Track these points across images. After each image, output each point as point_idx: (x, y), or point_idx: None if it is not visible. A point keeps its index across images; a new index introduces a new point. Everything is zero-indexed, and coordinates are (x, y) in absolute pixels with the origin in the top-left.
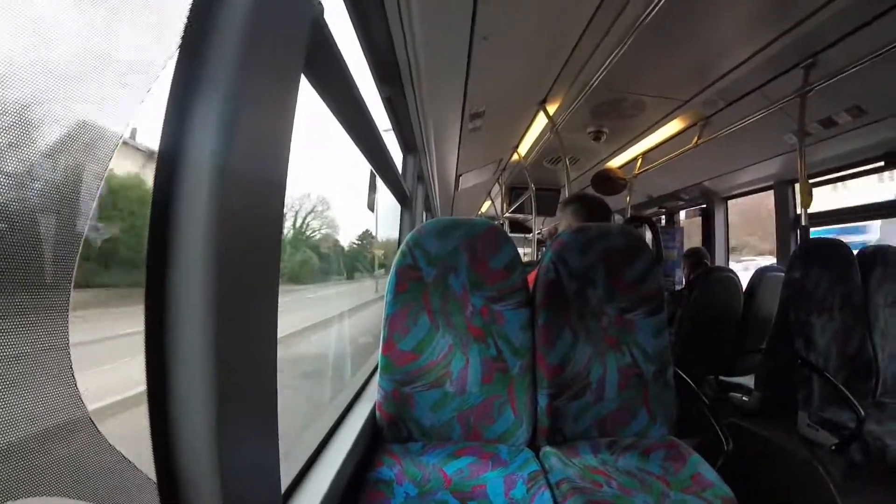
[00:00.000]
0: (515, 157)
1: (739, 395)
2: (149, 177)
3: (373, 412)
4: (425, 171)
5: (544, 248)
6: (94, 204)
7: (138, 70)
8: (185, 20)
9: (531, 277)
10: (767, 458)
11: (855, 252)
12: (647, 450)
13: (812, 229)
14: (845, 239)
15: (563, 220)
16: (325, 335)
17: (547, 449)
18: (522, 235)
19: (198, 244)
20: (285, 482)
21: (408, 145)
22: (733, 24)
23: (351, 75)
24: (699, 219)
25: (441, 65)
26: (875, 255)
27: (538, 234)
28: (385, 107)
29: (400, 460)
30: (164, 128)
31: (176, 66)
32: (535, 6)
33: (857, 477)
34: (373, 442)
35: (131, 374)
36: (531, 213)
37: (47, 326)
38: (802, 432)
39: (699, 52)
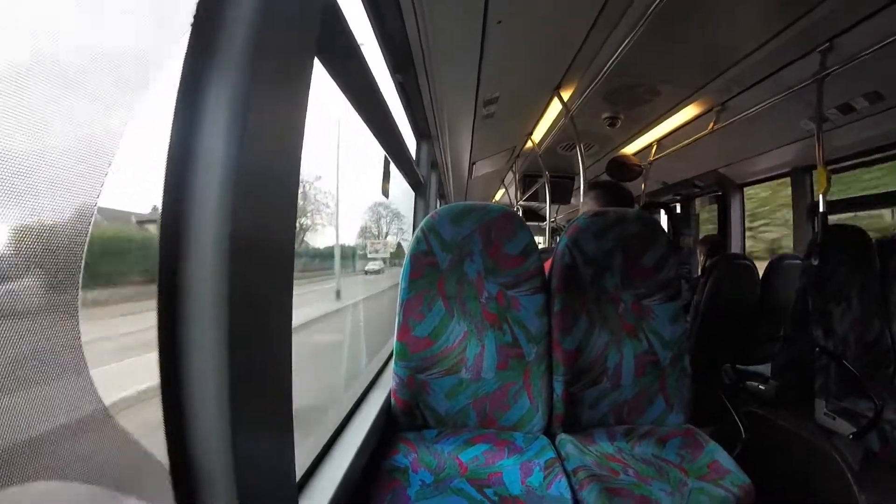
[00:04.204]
0: (529, 144)
1: (756, 383)
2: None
3: (388, 400)
4: (439, 158)
5: (559, 237)
6: (98, 200)
7: (148, 56)
8: (195, 5)
9: (547, 265)
10: (784, 446)
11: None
12: (664, 437)
13: None
14: None
15: (584, 206)
16: None
17: (563, 436)
18: (536, 224)
19: (210, 234)
20: (300, 471)
21: (421, 132)
22: (748, 9)
23: (364, 59)
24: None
25: (454, 50)
26: (894, 243)
27: (552, 222)
28: (398, 92)
29: (415, 448)
30: (175, 114)
31: (186, 53)
32: None
33: (874, 465)
34: (388, 430)
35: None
36: (545, 202)
37: (59, 325)
38: (819, 421)
39: (714, 37)
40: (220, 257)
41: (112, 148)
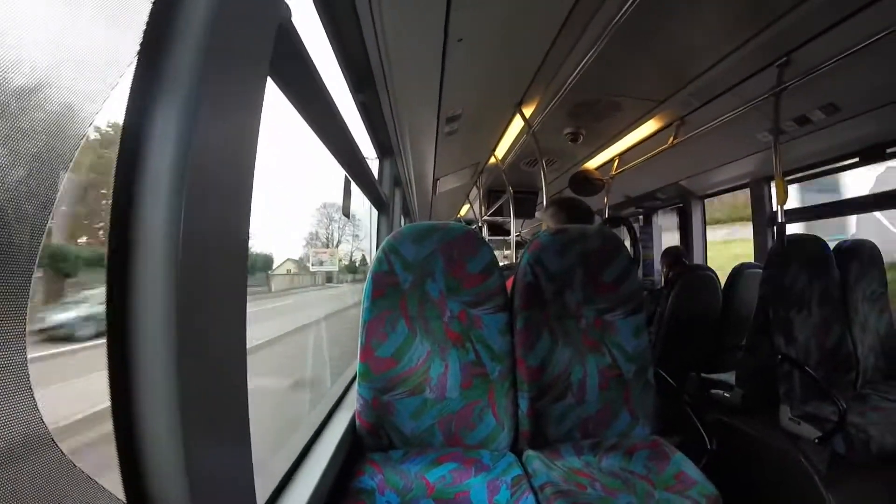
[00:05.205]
0: (493, 159)
1: (721, 391)
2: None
3: (352, 421)
4: (402, 175)
5: (523, 251)
6: (54, 205)
7: (99, 70)
8: (146, 20)
9: (510, 283)
10: (751, 453)
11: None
12: (631, 450)
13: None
14: None
15: (543, 224)
16: None
17: (529, 453)
18: (501, 238)
19: (160, 250)
20: (263, 495)
21: (383, 149)
22: (707, 24)
23: (320, 79)
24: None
25: (415, 68)
26: (852, 250)
27: (517, 236)
28: (359, 110)
29: (381, 469)
30: (124, 130)
31: (136, 68)
32: (509, 8)
33: (840, 468)
34: (353, 451)
35: None
36: (510, 216)
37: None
38: (785, 426)
39: (674, 52)
40: (170, 274)
41: (69, 152)
